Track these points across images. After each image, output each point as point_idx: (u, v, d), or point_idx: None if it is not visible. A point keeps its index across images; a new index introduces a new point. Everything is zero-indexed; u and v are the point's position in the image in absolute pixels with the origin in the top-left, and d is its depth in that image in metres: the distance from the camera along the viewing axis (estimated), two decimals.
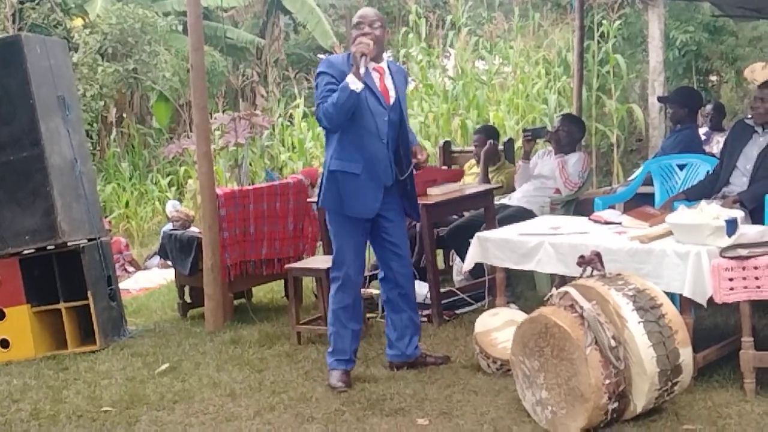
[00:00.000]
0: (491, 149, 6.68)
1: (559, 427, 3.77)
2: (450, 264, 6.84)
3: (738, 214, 4.31)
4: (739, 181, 5.35)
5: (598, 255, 4.09)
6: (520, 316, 4.61)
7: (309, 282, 6.33)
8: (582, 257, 4.11)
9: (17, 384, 5.12)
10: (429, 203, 5.66)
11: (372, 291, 5.87)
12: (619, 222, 4.82)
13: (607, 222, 4.88)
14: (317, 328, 5.41)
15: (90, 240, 5.91)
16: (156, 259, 9.72)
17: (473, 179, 6.74)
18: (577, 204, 6.38)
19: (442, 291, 5.79)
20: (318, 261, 5.72)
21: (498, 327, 4.69)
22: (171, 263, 6.91)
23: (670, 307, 3.83)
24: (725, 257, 4.02)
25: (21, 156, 5.65)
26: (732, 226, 4.16)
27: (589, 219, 5.03)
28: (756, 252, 4.00)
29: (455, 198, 5.87)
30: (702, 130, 8.02)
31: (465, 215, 6.41)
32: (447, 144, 7.63)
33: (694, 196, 5.36)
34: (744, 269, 3.96)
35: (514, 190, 6.64)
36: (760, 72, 10.86)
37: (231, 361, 5.19)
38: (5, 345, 5.72)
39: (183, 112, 14.97)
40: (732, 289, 3.98)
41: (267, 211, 6.27)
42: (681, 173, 5.97)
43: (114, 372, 5.21)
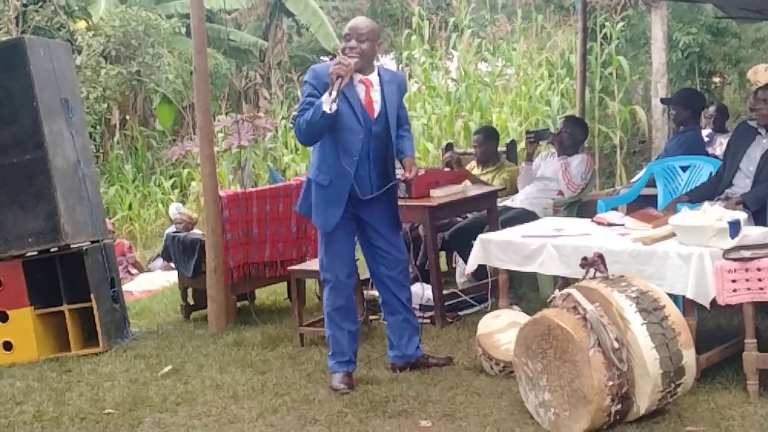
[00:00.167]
0: (451, 159, 6.57)
1: (562, 429, 3.76)
2: (453, 266, 6.83)
3: (741, 215, 4.30)
4: (742, 183, 5.35)
5: (601, 257, 4.09)
6: (522, 317, 4.60)
7: (312, 284, 6.32)
8: (585, 259, 4.11)
9: (20, 386, 5.12)
10: (432, 205, 5.66)
11: (374, 293, 5.86)
12: (622, 224, 4.81)
13: (610, 224, 4.87)
14: (320, 330, 5.39)
15: (93, 242, 5.91)
16: (159, 261, 9.73)
17: None
18: (580, 206, 6.38)
19: (445, 293, 5.78)
20: None
21: (501, 329, 4.68)
22: (174, 265, 6.90)
23: (673, 309, 3.83)
24: (728, 259, 4.02)
25: (24, 158, 5.65)
26: (735, 227, 4.15)
27: (592, 221, 5.03)
28: (759, 254, 3.99)
29: (458, 200, 5.87)
30: (705, 131, 8.02)
31: (468, 217, 6.41)
32: (450, 146, 7.63)
33: (697, 197, 5.36)
34: (747, 271, 3.96)
35: (517, 189, 6.63)
36: (763, 73, 10.85)
37: (234, 363, 5.19)
38: (8, 347, 5.72)
39: (186, 114, 14.99)
40: (735, 291, 3.98)
41: (270, 214, 6.27)
42: (684, 175, 5.97)
43: (117, 374, 5.21)
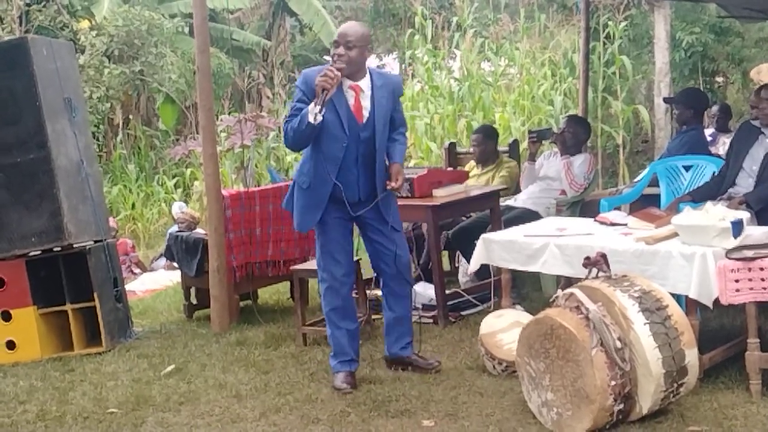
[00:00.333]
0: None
1: (565, 429, 3.76)
2: (456, 265, 6.83)
3: (744, 215, 4.31)
4: (745, 183, 5.34)
5: (603, 256, 4.09)
6: (525, 317, 4.61)
7: (314, 283, 6.28)
8: (588, 258, 4.11)
9: (24, 385, 5.13)
10: (434, 205, 5.66)
11: (377, 292, 5.86)
12: (625, 223, 4.81)
13: (613, 223, 4.87)
14: (323, 329, 5.38)
15: (96, 242, 5.92)
16: (162, 261, 9.72)
17: (474, 180, 6.70)
18: (583, 205, 6.38)
19: (447, 292, 5.78)
20: None
21: (503, 328, 4.69)
22: (177, 265, 6.91)
23: (675, 309, 3.83)
24: (731, 258, 4.02)
25: (27, 158, 5.66)
26: (738, 227, 4.15)
27: (595, 220, 5.03)
28: (762, 253, 4.00)
29: (461, 199, 5.87)
30: (708, 131, 8.02)
31: (471, 216, 6.40)
32: (452, 145, 7.62)
33: (700, 197, 5.36)
34: (750, 270, 3.96)
35: (518, 185, 6.62)
36: (766, 73, 10.82)
37: (237, 363, 5.19)
38: (12, 346, 5.72)
39: (189, 113, 14.97)
40: (738, 291, 3.98)
41: (273, 213, 6.27)
42: (687, 174, 5.96)
43: (120, 373, 5.21)
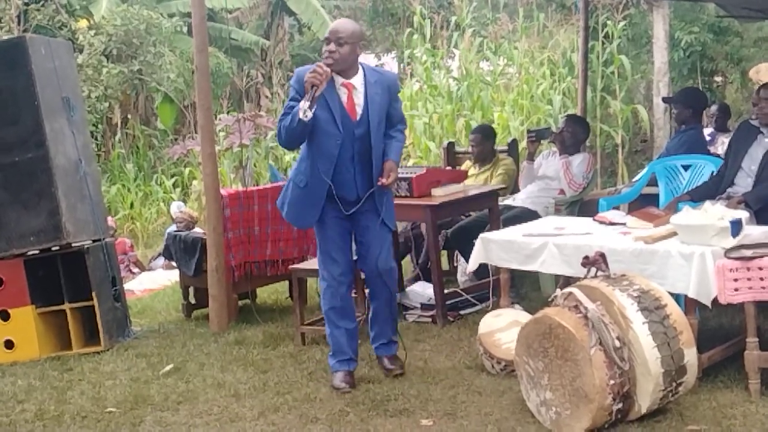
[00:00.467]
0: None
1: (564, 428, 3.76)
2: (454, 265, 6.83)
3: (743, 214, 4.30)
4: (744, 182, 5.34)
5: (602, 256, 4.09)
6: (524, 316, 4.60)
7: (313, 283, 6.30)
8: (586, 258, 4.11)
9: (22, 384, 5.12)
10: (433, 204, 5.66)
11: None
12: (624, 223, 4.82)
13: (612, 223, 4.87)
14: (321, 328, 5.38)
15: (95, 241, 5.91)
16: (161, 260, 9.73)
17: (472, 180, 6.69)
18: (582, 205, 6.38)
19: (446, 292, 5.78)
20: None
21: (502, 328, 4.69)
22: (175, 264, 6.91)
23: (674, 308, 3.83)
24: (730, 258, 4.02)
25: (26, 157, 5.65)
26: (737, 226, 4.15)
27: (594, 220, 5.03)
28: (761, 252, 3.99)
29: (459, 199, 5.87)
30: (707, 130, 8.03)
31: (470, 216, 6.40)
32: (451, 145, 7.62)
33: (698, 196, 5.36)
34: (749, 270, 3.96)
35: (517, 184, 6.61)
36: (765, 72, 10.84)
37: (235, 362, 5.19)
38: (10, 346, 5.72)
39: (188, 113, 14.98)
40: (737, 290, 3.98)
41: (271, 212, 6.25)
42: (686, 174, 5.97)
43: (118, 373, 5.21)
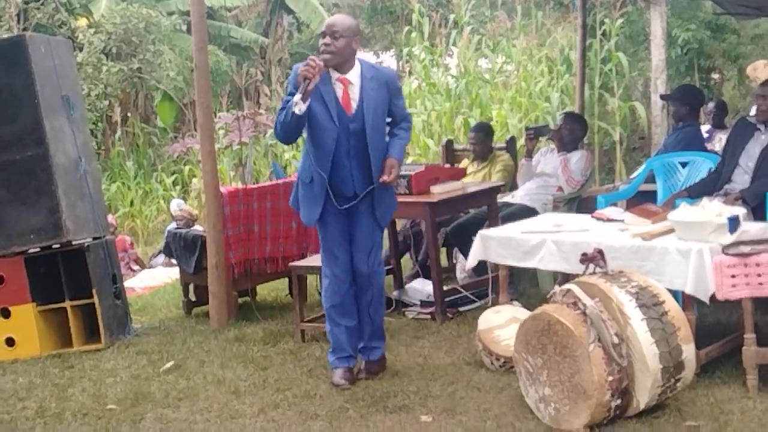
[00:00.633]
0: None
1: (563, 424, 3.78)
2: (453, 262, 6.84)
3: (740, 211, 4.31)
4: (741, 179, 5.36)
5: (600, 252, 4.11)
6: (523, 313, 4.61)
7: (313, 280, 6.32)
8: (585, 255, 4.13)
9: (23, 382, 5.13)
10: (432, 201, 5.67)
11: None
12: (622, 219, 4.83)
13: (610, 219, 4.89)
14: (321, 325, 5.41)
15: (95, 238, 5.92)
16: (161, 258, 9.74)
17: (471, 177, 6.70)
18: (580, 202, 6.39)
19: (445, 289, 5.80)
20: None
21: (501, 324, 4.70)
22: (175, 262, 6.93)
23: (672, 304, 3.85)
24: (727, 254, 4.03)
25: (26, 155, 5.66)
26: (734, 223, 4.16)
27: (592, 216, 5.04)
28: (758, 249, 4.01)
29: (458, 196, 5.88)
30: (704, 127, 8.03)
31: (470, 212, 6.42)
32: (450, 142, 7.63)
33: (696, 193, 5.37)
34: (746, 266, 3.97)
35: (515, 180, 6.62)
36: (762, 70, 10.84)
37: (235, 359, 5.20)
38: (11, 343, 5.73)
39: (187, 111, 14.99)
40: (734, 286, 3.99)
41: (271, 210, 6.28)
42: (683, 171, 5.98)
43: (119, 370, 5.22)
